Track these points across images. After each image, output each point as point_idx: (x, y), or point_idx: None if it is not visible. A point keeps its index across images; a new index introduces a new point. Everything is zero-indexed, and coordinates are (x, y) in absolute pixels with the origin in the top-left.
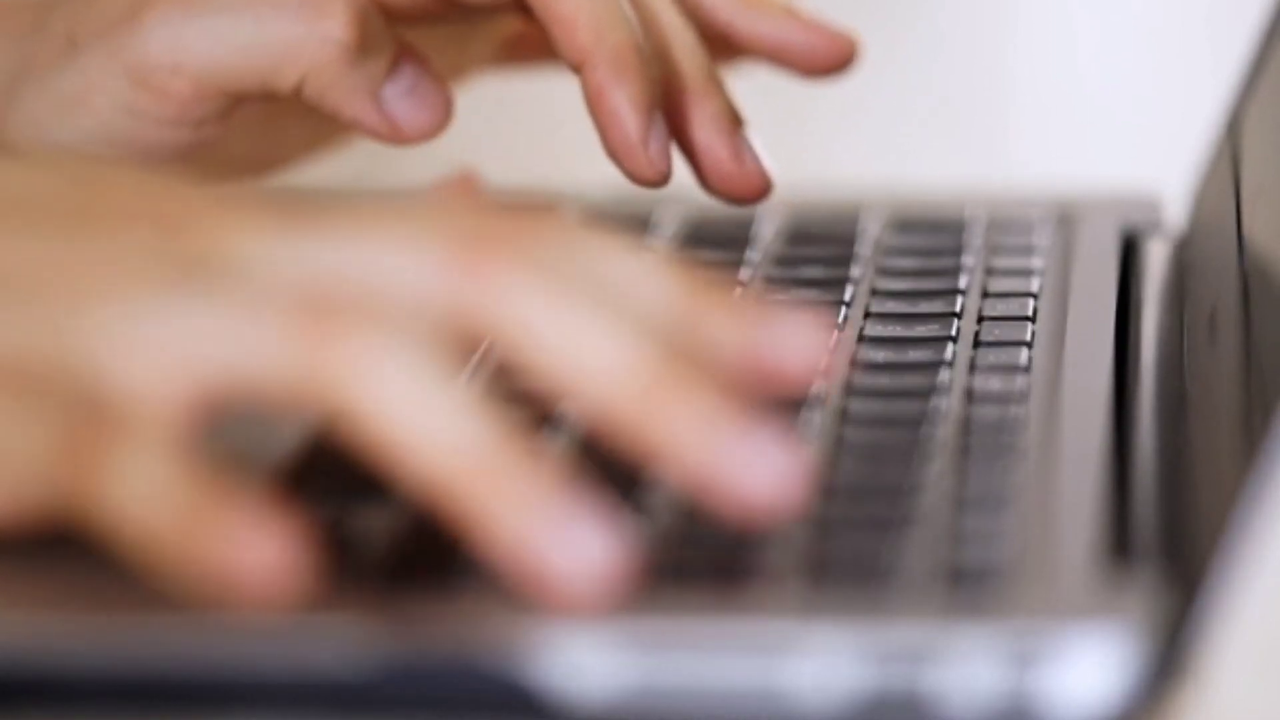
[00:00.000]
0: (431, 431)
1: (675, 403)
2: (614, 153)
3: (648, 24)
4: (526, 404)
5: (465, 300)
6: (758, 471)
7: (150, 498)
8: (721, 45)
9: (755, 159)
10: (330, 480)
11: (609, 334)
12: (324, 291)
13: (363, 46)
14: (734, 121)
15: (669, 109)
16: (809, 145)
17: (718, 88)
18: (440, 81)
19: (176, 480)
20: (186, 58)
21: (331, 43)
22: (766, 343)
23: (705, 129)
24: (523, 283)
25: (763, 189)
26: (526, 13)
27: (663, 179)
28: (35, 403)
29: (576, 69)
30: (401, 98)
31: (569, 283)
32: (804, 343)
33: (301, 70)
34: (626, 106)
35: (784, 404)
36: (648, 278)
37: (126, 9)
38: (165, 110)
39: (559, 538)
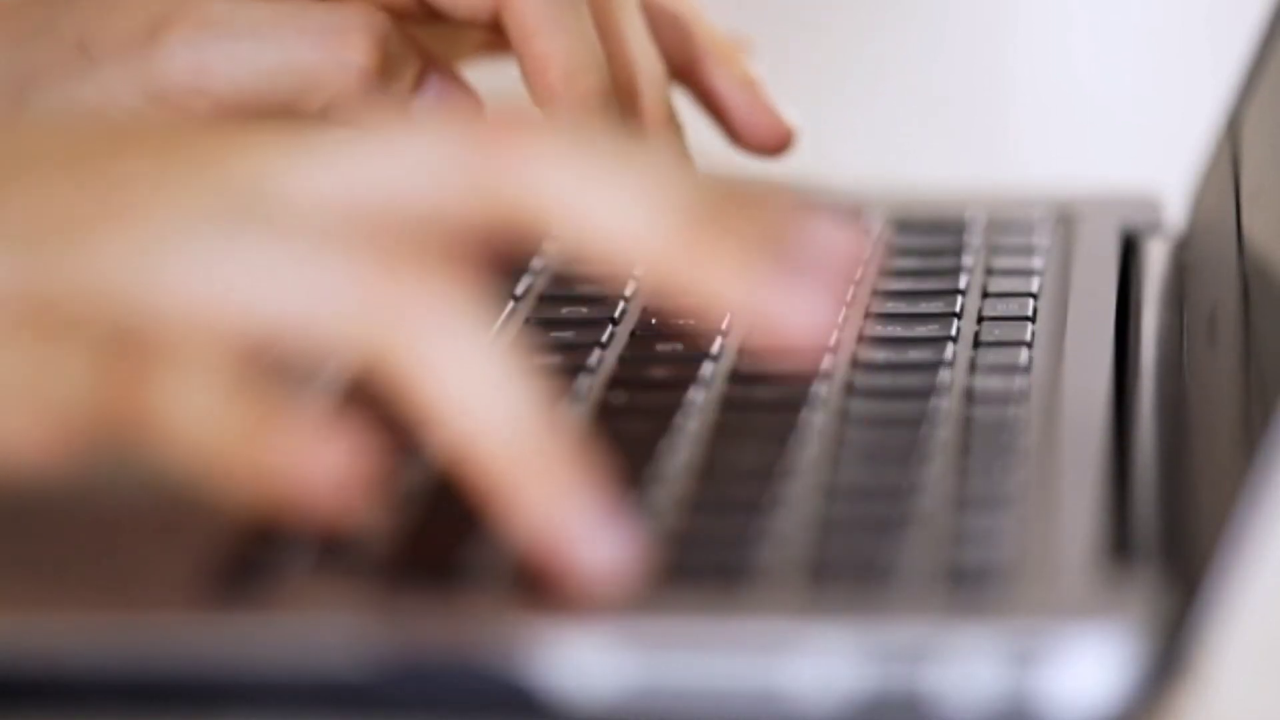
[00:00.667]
0: (483, 409)
1: (706, 252)
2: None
3: (616, 49)
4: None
5: (495, 174)
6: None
7: (206, 415)
8: (675, 76)
9: None
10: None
11: (636, 200)
12: (374, 221)
13: (386, 69)
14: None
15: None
16: (809, 145)
17: (673, 129)
18: (465, 83)
19: (230, 396)
20: (209, 81)
21: (355, 69)
22: (766, 307)
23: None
24: (548, 155)
25: None
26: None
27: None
28: (76, 336)
29: (541, 106)
30: (431, 109)
31: (590, 160)
32: (807, 314)
33: (326, 96)
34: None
35: (785, 401)
36: (665, 181)
37: (146, 26)
38: None
39: (589, 535)
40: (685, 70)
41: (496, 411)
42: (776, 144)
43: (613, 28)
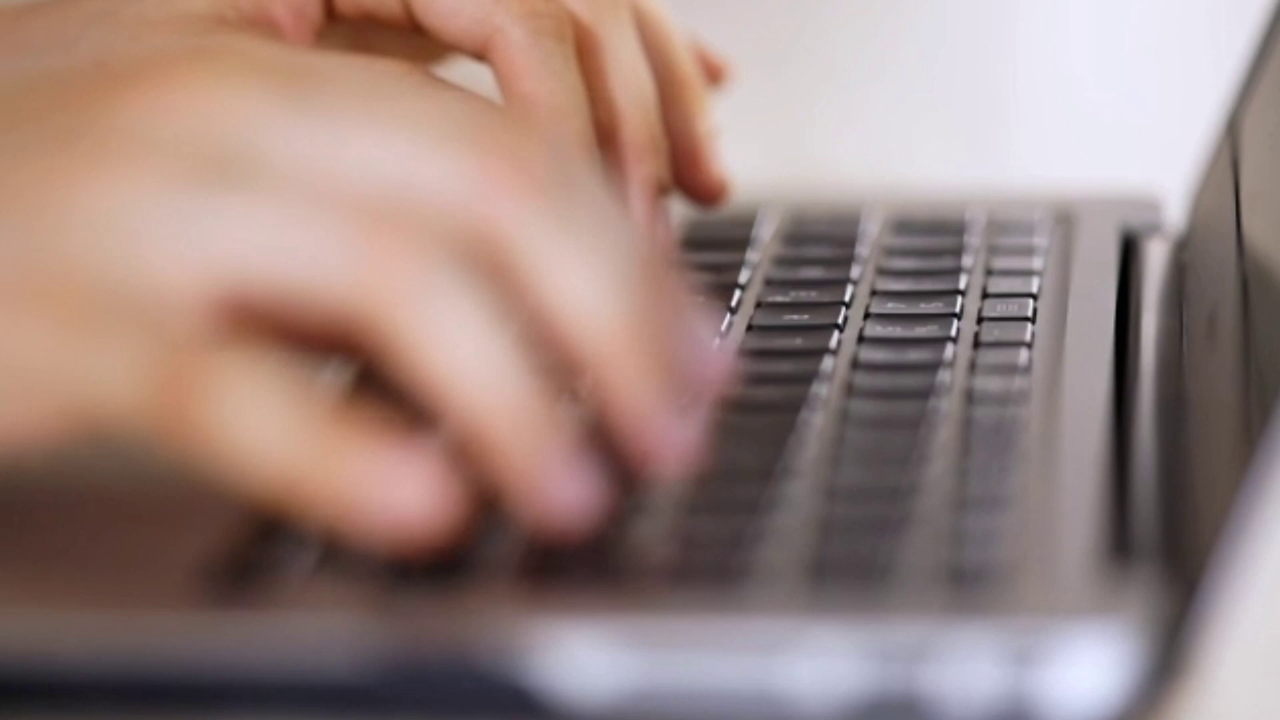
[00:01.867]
0: (472, 367)
1: (633, 361)
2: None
3: (599, 87)
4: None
5: (487, 214)
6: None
7: (274, 434)
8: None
9: (668, 230)
10: None
11: (596, 281)
12: (359, 196)
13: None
14: (659, 191)
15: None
16: (809, 145)
17: (653, 153)
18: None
19: (300, 413)
20: None
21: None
22: (652, 433)
23: (631, 194)
24: (535, 211)
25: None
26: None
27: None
28: (105, 330)
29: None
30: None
31: (568, 224)
32: (680, 444)
33: None
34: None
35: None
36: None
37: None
38: None
39: (554, 482)
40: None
41: (484, 368)
42: (709, 199)
43: (598, 64)
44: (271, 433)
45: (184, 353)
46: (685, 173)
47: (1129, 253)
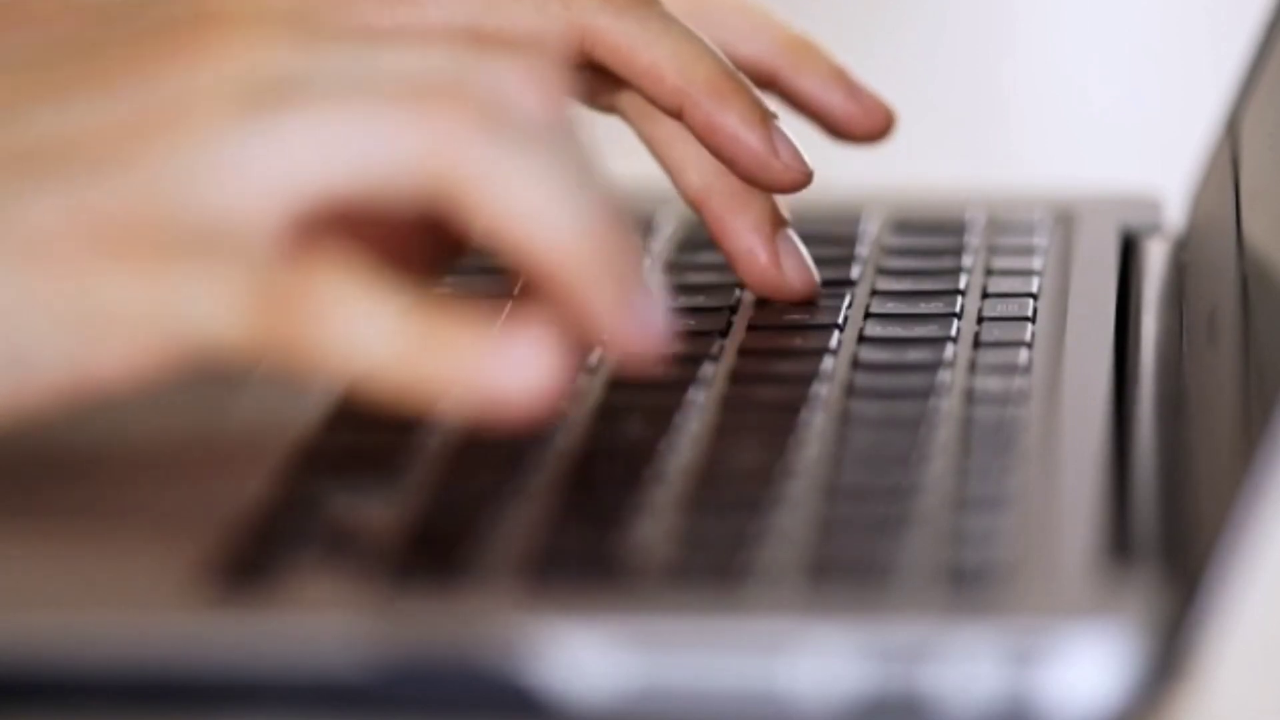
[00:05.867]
0: (555, 204)
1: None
2: (749, 174)
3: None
4: None
5: (437, 147)
6: (643, 327)
7: (378, 333)
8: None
9: (787, 149)
10: (331, 478)
11: (554, 205)
12: (403, 83)
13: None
14: (763, 119)
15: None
16: (809, 145)
17: (737, 88)
18: None
19: (400, 313)
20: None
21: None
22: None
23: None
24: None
25: (799, 177)
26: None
27: (805, 178)
28: (195, 264)
29: (677, 113)
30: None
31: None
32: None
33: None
34: (741, 128)
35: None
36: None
37: None
38: None
39: (636, 317)
40: (769, 77)
41: (565, 212)
42: (880, 130)
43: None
44: (377, 337)
45: (276, 274)
46: (842, 120)
47: (1129, 253)
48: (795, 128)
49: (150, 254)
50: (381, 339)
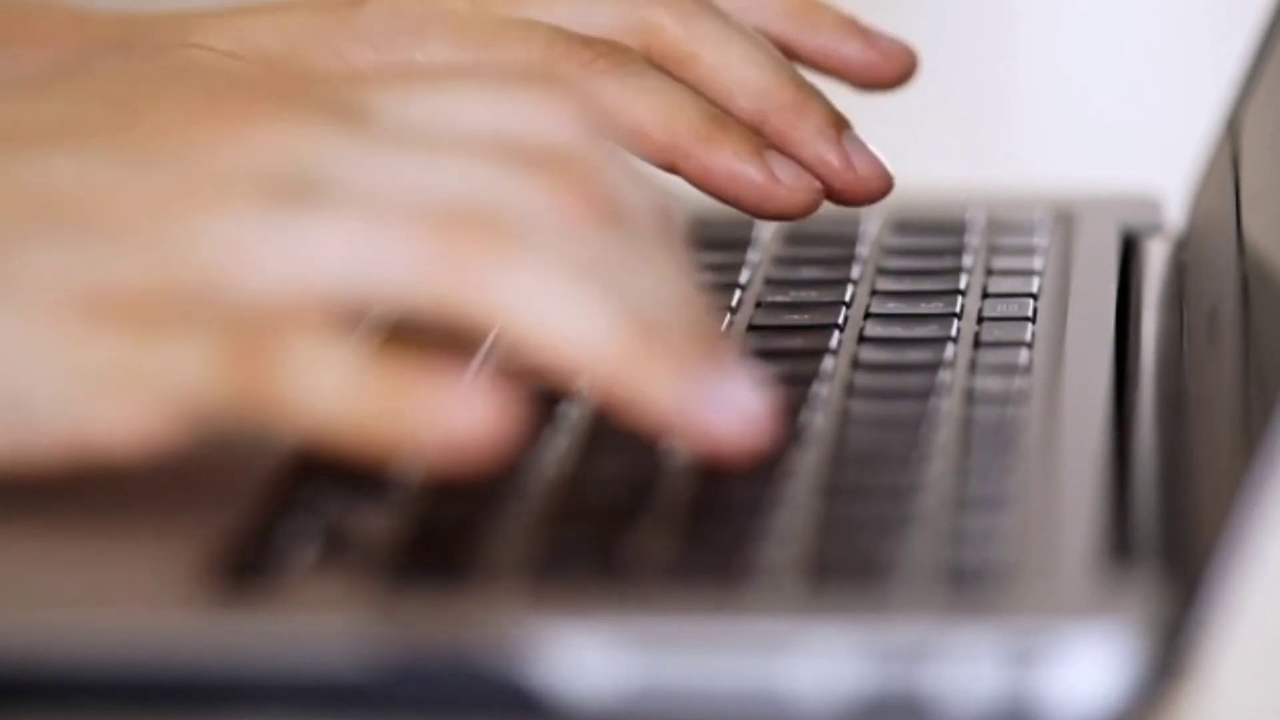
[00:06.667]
0: (578, 329)
1: (654, 360)
2: (758, 211)
3: (722, 59)
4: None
5: (460, 273)
6: (727, 413)
7: (342, 387)
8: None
9: (865, 159)
10: (331, 478)
11: (591, 312)
12: (429, 203)
13: None
14: (837, 126)
15: (775, 132)
16: None
17: (810, 97)
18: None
19: (362, 367)
20: None
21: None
22: (700, 402)
23: (808, 145)
24: (516, 256)
25: (881, 188)
26: None
27: (814, 195)
28: (189, 326)
29: (671, 169)
30: None
31: (555, 264)
32: (740, 406)
33: None
34: (736, 164)
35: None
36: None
37: None
38: None
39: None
40: (781, 45)
41: (593, 327)
42: (904, 72)
43: (704, 66)
44: (334, 390)
45: (249, 331)
46: (863, 72)
47: (1129, 253)
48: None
49: (148, 322)
50: (339, 391)
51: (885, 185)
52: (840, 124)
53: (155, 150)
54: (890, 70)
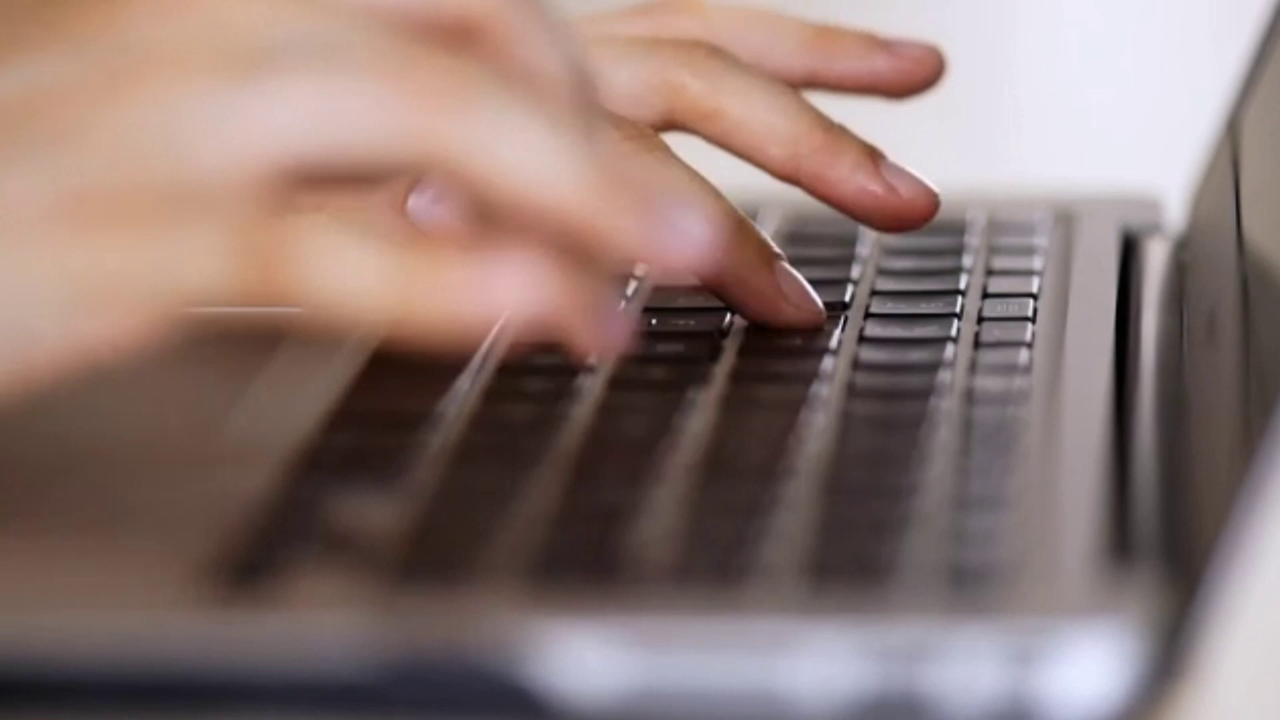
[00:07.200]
0: (548, 167)
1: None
2: (758, 317)
3: (748, 110)
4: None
5: (421, 125)
6: (682, 238)
7: (366, 266)
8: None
9: (908, 181)
10: (331, 478)
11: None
12: (376, 52)
13: None
14: (872, 158)
15: (811, 175)
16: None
17: (840, 135)
18: None
19: (385, 244)
20: None
21: None
22: (658, 229)
23: (848, 181)
24: (469, 104)
25: (929, 206)
26: None
27: (817, 317)
28: (177, 222)
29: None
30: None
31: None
32: (691, 231)
33: None
34: (749, 272)
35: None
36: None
37: None
38: None
39: (668, 225)
40: (806, 77)
41: (559, 159)
42: (936, 72)
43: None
44: (364, 271)
45: (262, 225)
46: (896, 84)
47: (1129, 253)
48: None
49: (135, 219)
50: (372, 275)
51: (933, 202)
52: (875, 155)
53: (94, 40)
54: (923, 74)
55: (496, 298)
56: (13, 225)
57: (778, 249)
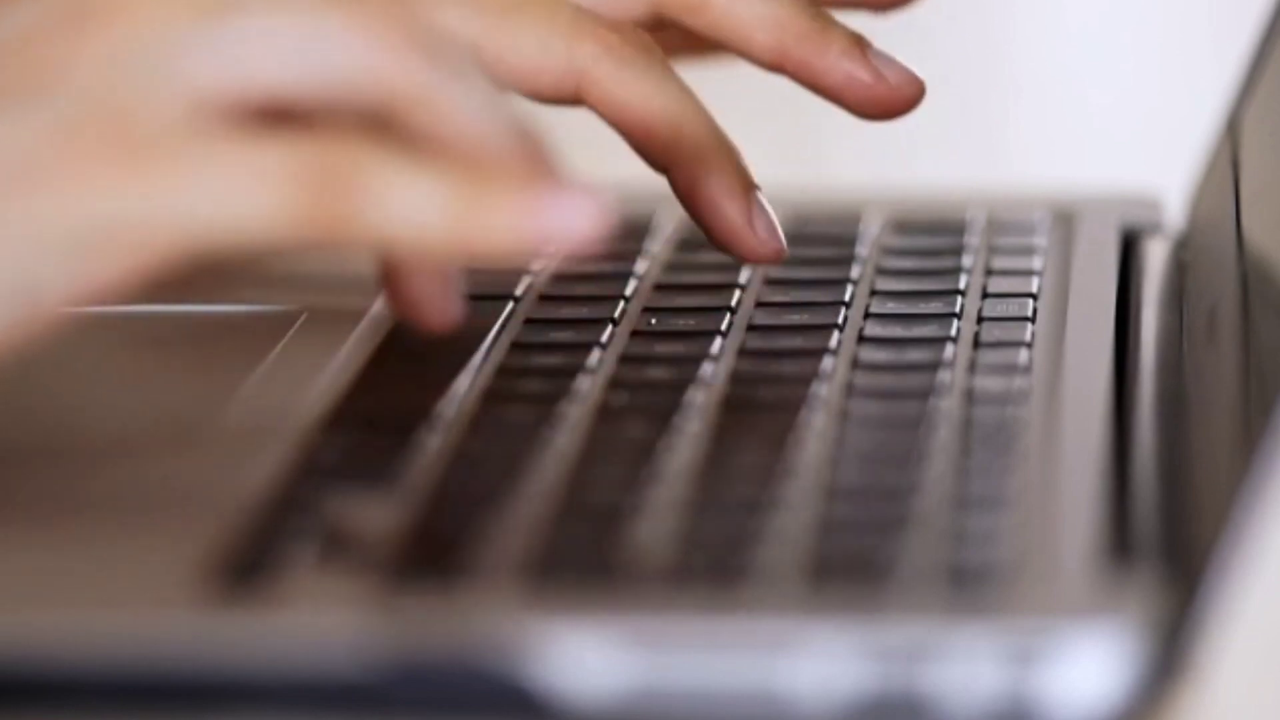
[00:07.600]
0: (491, 107)
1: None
2: (722, 243)
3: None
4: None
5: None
6: (571, 219)
7: (424, 195)
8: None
9: (895, 69)
10: (331, 478)
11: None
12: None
13: None
14: (859, 45)
15: (797, 63)
16: (809, 145)
17: (827, 23)
18: None
19: (442, 182)
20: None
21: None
22: (545, 215)
23: (834, 69)
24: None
25: (916, 94)
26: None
27: (777, 256)
28: (196, 160)
29: (663, 170)
30: None
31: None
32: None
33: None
34: (724, 197)
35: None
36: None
37: None
38: None
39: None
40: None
41: (499, 121)
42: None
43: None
44: (430, 203)
45: (311, 155)
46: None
47: (1129, 252)
48: (794, 125)
49: (133, 155)
50: (434, 204)
51: (919, 91)
52: (862, 42)
53: None
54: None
55: (553, 224)
56: (10, 172)
57: (756, 180)
